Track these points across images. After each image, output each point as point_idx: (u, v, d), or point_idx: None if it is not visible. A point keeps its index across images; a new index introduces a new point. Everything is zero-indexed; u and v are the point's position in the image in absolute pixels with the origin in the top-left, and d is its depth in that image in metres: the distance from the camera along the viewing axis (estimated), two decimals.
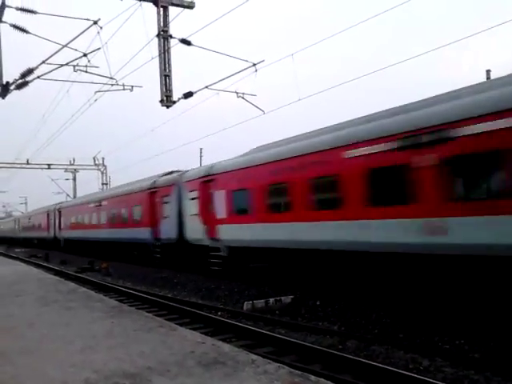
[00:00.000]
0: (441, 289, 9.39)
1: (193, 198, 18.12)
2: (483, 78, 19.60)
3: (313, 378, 4.01)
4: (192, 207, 18.24)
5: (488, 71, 20.95)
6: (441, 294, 9.40)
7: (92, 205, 30.90)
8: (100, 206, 29.34)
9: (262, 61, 14.36)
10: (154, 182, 22.05)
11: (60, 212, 39.15)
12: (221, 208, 16.27)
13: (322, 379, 4.01)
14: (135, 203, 23.62)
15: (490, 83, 10.41)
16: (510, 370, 6.38)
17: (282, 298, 11.90)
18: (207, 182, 17.22)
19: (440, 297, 9.40)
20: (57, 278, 14.64)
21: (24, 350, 5.10)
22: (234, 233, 15.64)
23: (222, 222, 16.31)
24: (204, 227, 17.29)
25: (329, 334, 8.99)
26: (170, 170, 22.79)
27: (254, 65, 14.33)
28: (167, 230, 20.10)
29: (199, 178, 17.90)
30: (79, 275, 20.38)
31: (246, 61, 14.48)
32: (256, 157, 15.01)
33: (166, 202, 20.31)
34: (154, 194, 21.59)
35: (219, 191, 16.43)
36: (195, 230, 17.96)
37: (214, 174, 16.91)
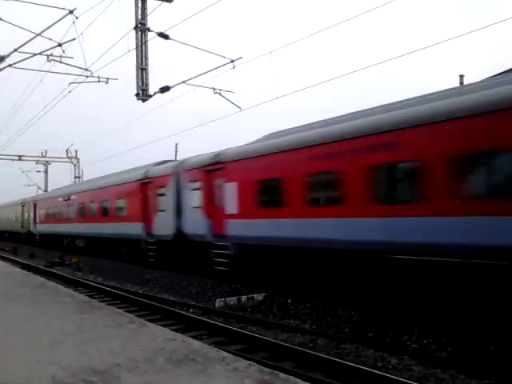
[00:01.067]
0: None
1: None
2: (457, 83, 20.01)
3: (283, 375, 4.02)
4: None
5: (461, 76, 21.42)
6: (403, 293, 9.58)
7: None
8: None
9: (240, 57, 14.33)
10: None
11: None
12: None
13: (292, 377, 4.02)
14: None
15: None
16: (475, 369, 6.56)
17: (255, 295, 11.93)
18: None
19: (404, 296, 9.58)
20: (25, 271, 14.32)
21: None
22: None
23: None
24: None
25: (300, 332, 9.04)
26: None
27: (232, 61, 14.29)
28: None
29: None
30: (48, 269, 19.98)
31: (224, 57, 14.44)
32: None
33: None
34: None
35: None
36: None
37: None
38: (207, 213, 15.51)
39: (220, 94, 16.79)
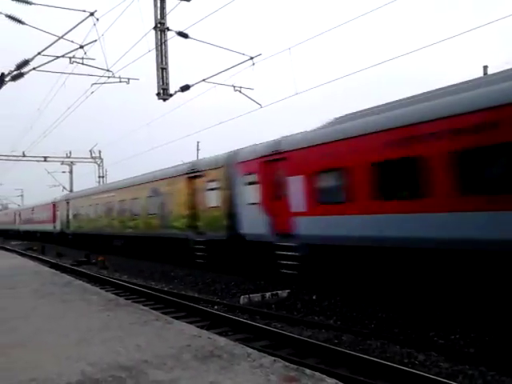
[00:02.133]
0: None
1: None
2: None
3: (308, 371, 4.00)
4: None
5: (485, 67, 20.93)
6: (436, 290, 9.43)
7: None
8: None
9: (260, 54, 14.32)
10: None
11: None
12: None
13: (318, 373, 4.00)
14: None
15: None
16: (505, 365, 6.42)
17: (279, 292, 11.92)
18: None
19: (436, 292, 9.44)
20: (53, 270, 14.61)
21: (19, 342, 5.08)
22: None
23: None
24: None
25: (325, 328, 9.01)
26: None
27: (252, 58, 14.28)
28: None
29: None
30: (75, 268, 20.36)
31: (243, 54, 14.45)
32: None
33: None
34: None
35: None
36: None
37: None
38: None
39: (240, 91, 16.83)
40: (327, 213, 11.74)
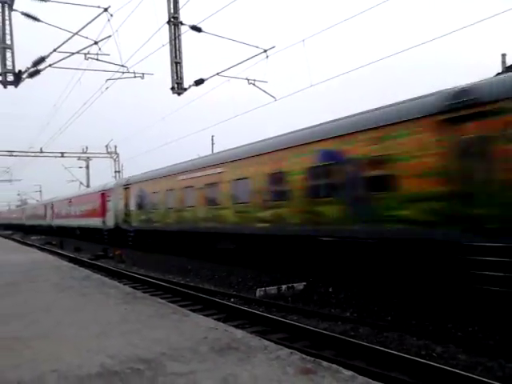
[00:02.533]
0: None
1: None
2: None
3: (325, 363, 4.02)
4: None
5: (503, 55, 20.53)
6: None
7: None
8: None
9: (273, 47, 14.26)
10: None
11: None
12: None
13: (334, 365, 4.01)
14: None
15: None
16: None
17: (295, 284, 11.94)
18: None
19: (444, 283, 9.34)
20: (71, 264, 14.84)
21: (40, 334, 5.18)
22: None
23: None
24: None
25: (341, 320, 9.01)
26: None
27: (265, 51, 14.23)
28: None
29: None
30: (93, 262, 20.63)
31: (257, 47, 14.40)
32: None
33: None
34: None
35: None
36: None
37: None
38: None
39: (254, 84, 16.78)
40: None
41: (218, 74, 15.52)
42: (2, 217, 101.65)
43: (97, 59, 15.15)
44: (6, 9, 13.97)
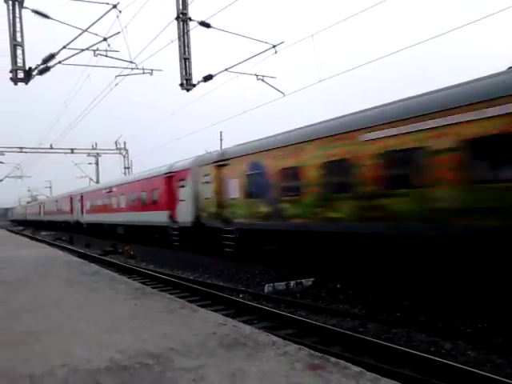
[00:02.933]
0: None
1: None
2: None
3: (333, 359, 4.02)
4: None
5: None
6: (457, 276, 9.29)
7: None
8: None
9: (282, 42, 14.22)
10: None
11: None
12: None
13: (342, 361, 4.01)
14: None
15: None
16: None
17: (303, 280, 11.94)
18: None
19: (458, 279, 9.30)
20: (81, 260, 14.96)
21: (51, 329, 5.24)
22: None
23: None
24: None
25: (350, 316, 9.00)
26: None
27: (274, 46, 14.20)
28: None
29: None
30: (103, 258, 20.78)
31: (266, 43, 14.38)
32: None
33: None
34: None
35: None
36: None
37: None
38: None
39: (263, 80, 16.76)
40: None
41: (226, 69, 15.52)
42: (16, 212, 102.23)
43: (106, 56, 15.22)
44: (17, 6, 14.06)
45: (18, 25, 14.29)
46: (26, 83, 14.95)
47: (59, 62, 14.83)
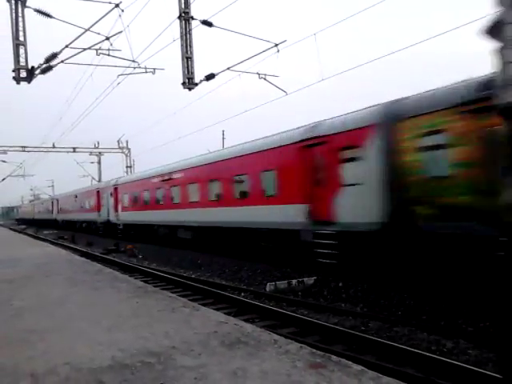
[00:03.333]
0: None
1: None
2: None
3: (334, 358, 4.03)
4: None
5: None
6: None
7: None
8: None
9: (284, 41, 14.20)
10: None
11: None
12: None
13: (344, 359, 4.03)
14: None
15: None
16: None
17: (305, 279, 11.95)
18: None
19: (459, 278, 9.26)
20: (84, 259, 15.00)
21: (54, 328, 5.26)
22: None
23: None
24: None
25: (351, 315, 9.01)
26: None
27: (276, 45, 14.18)
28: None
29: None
30: (105, 256, 20.82)
31: (268, 41, 14.35)
32: None
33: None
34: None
35: None
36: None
37: None
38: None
39: (265, 78, 16.74)
40: None
41: (228, 68, 15.50)
42: (23, 210, 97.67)
43: (108, 55, 15.21)
44: (20, 5, 14.08)
45: (20, 24, 14.30)
46: (29, 82, 14.96)
47: (62, 62, 14.83)
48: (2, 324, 5.58)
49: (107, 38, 14.37)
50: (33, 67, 14.65)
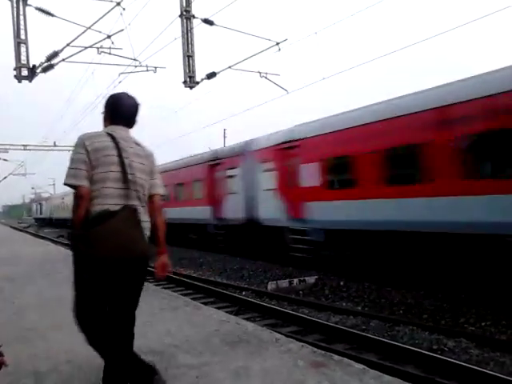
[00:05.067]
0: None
1: None
2: None
3: (336, 357, 4.03)
4: None
5: None
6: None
7: None
8: None
9: (286, 39, 14.19)
10: None
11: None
12: None
13: (345, 358, 4.03)
14: None
15: None
16: None
17: (306, 278, 11.96)
18: None
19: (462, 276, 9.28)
20: None
21: (55, 326, 5.26)
22: None
23: None
24: None
25: (352, 314, 9.01)
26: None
27: (278, 44, 14.16)
28: None
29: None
30: None
31: (269, 40, 14.33)
32: None
33: None
34: None
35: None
36: None
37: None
38: None
39: (266, 77, 16.72)
40: None
41: (230, 67, 15.48)
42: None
43: (109, 53, 15.20)
44: (21, 4, 14.08)
45: (21, 22, 14.30)
46: (30, 81, 14.97)
47: (63, 60, 14.83)
48: (4, 322, 5.58)
49: (108, 37, 14.36)
50: (34, 66, 14.65)
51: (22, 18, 14.19)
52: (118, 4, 13.21)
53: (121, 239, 2.74)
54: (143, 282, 3.10)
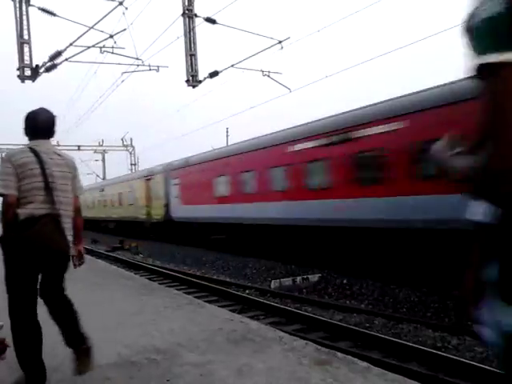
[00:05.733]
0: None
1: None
2: None
3: (340, 355, 4.03)
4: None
5: None
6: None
7: None
8: None
9: (288, 38, 14.18)
10: None
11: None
12: None
13: (349, 356, 4.03)
14: None
15: None
16: None
17: (310, 276, 11.96)
18: None
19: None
20: (88, 256, 15.02)
21: None
22: None
23: None
24: None
25: (356, 312, 9.01)
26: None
27: (280, 42, 14.16)
28: None
29: None
30: (110, 254, 20.88)
31: (272, 38, 14.33)
32: None
33: None
34: None
35: None
36: None
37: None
38: None
39: (269, 76, 16.72)
40: None
41: (232, 65, 15.49)
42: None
43: (112, 52, 15.25)
44: (24, 4, 14.11)
45: (24, 22, 14.34)
46: (33, 80, 15.01)
47: (66, 60, 14.87)
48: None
49: (111, 36, 14.40)
50: (37, 65, 14.70)
51: (24, 18, 14.22)
52: (121, 3, 13.25)
53: (44, 240, 3.27)
54: (64, 269, 3.62)
